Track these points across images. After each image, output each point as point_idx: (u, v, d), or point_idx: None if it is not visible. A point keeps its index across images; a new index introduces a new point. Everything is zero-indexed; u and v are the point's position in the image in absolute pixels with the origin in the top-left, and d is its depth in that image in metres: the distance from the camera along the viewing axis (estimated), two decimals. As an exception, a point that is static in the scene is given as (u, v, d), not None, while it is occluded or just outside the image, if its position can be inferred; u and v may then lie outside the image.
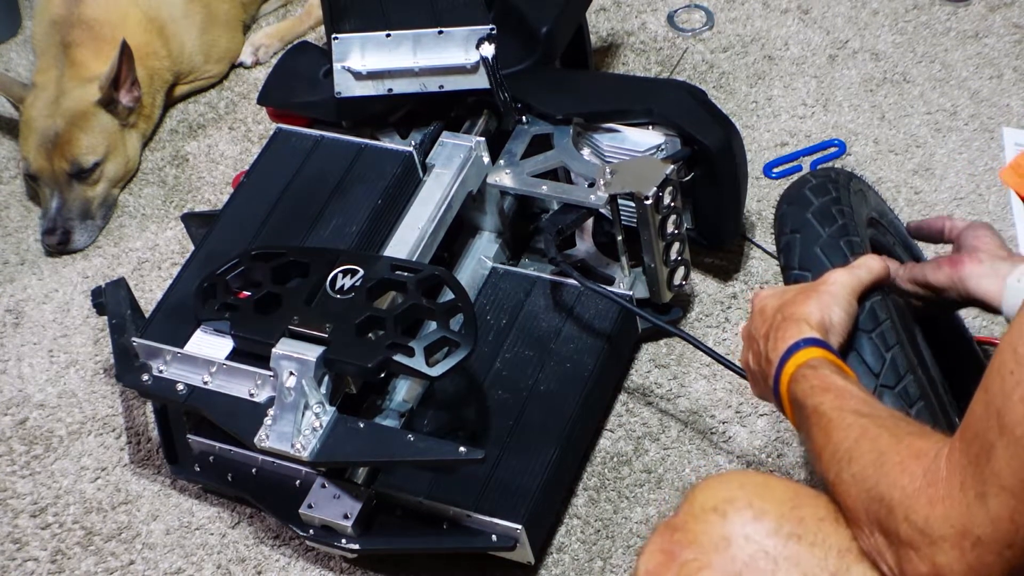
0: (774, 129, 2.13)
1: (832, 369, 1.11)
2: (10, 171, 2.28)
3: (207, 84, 2.38)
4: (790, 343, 1.14)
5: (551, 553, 1.61)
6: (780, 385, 1.14)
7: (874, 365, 1.20)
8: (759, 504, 0.99)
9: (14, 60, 2.50)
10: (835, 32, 2.29)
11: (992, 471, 0.84)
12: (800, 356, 1.13)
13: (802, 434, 1.10)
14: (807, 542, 0.97)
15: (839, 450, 1.00)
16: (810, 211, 1.37)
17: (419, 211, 1.72)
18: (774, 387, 1.16)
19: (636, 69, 2.27)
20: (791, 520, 0.98)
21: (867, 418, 1.01)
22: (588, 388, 1.67)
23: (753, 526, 0.98)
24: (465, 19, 1.79)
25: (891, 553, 0.92)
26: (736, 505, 0.99)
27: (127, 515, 1.72)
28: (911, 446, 0.94)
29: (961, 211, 1.95)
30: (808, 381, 1.10)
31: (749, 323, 1.25)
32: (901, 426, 0.99)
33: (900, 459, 0.93)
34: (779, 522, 0.98)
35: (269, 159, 1.81)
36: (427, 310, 1.52)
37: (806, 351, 1.13)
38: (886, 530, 0.92)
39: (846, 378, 1.11)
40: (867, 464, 0.96)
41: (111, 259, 2.09)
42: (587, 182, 1.79)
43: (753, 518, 0.98)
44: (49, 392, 1.89)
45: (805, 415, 1.08)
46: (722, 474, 1.07)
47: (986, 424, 0.85)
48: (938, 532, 0.87)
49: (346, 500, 1.55)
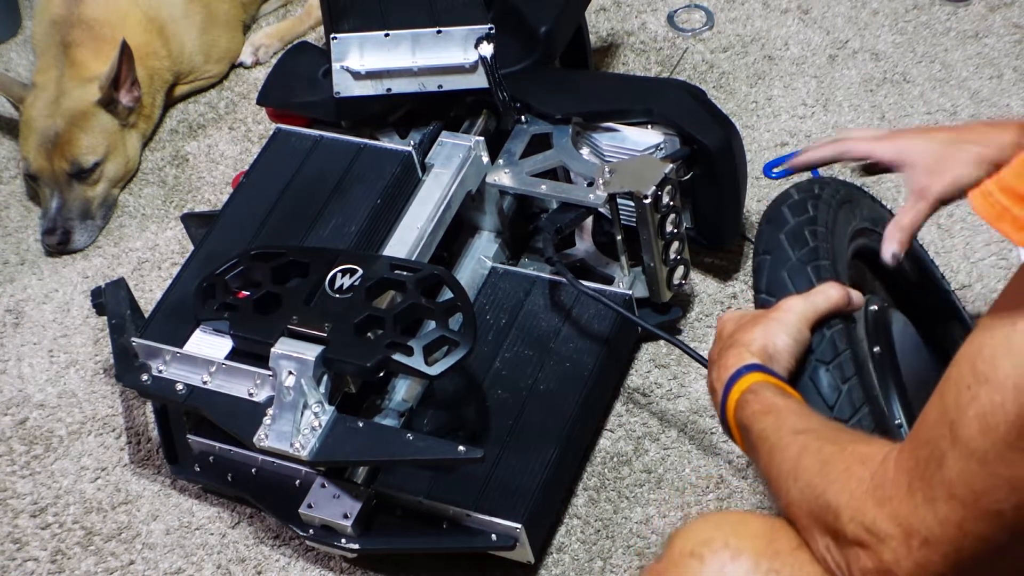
0: (774, 129, 2.13)
1: (773, 391, 1.12)
2: (10, 171, 2.28)
3: (207, 84, 2.38)
4: (732, 371, 1.15)
5: (551, 553, 1.61)
6: (727, 411, 1.15)
7: (829, 397, 1.20)
8: (735, 543, 0.99)
9: (14, 60, 2.50)
10: (835, 32, 2.29)
11: (942, 479, 0.84)
12: (743, 383, 1.14)
13: (752, 459, 1.11)
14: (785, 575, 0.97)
15: (783, 471, 1.01)
16: (784, 232, 1.37)
17: (418, 211, 1.72)
18: (721, 415, 1.16)
19: (636, 69, 2.27)
20: (767, 555, 0.98)
21: (806, 433, 1.02)
22: (588, 388, 1.67)
23: (731, 566, 0.98)
24: (464, 19, 1.79)
25: (840, 554, 0.93)
26: (713, 547, 1.00)
27: (127, 515, 1.72)
28: (855, 452, 0.95)
29: (961, 211, 1.95)
30: (751, 406, 1.11)
31: (713, 345, 1.26)
32: (842, 435, 1.01)
33: (845, 466, 0.94)
34: (756, 560, 0.98)
35: (269, 159, 1.81)
36: (426, 309, 1.52)
37: (748, 377, 1.14)
38: (835, 533, 0.93)
39: (787, 397, 1.12)
40: (812, 475, 0.96)
41: (111, 259, 2.09)
42: (586, 181, 1.79)
43: (731, 558, 0.98)
44: (49, 392, 1.89)
45: (752, 442, 1.09)
46: (699, 517, 1.08)
47: (939, 432, 0.85)
48: (885, 531, 0.88)
49: (346, 500, 1.55)
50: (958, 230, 1.94)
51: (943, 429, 0.85)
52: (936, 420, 0.86)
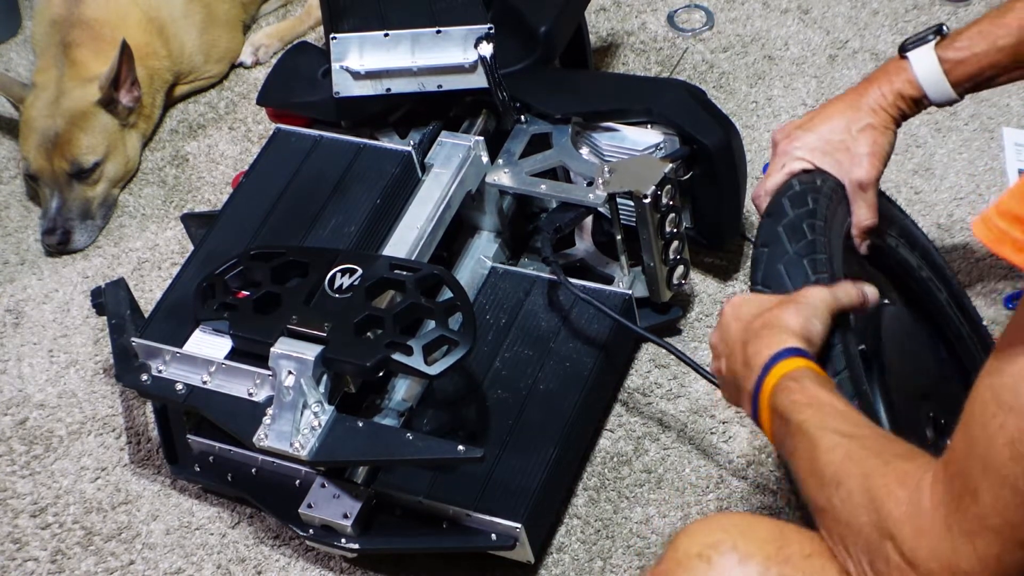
0: (774, 129, 2.12)
1: (817, 381, 1.09)
2: (10, 171, 2.28)
3: (207, 84, 2.38)
4: (774, 351, 1.12)
5: (551, 553, 1.61)
6: (760, 395, 1.11)
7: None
8: (744, 546, 0.97)
9: (14, 60, 2.50)
10: (835, 32, 2.29)
11: (978, 512, 0.84)
12: (783, 366, 1.10)
13: (783, 450, 1.08)
14: None
15: (825, 475, 0.98)
16: (782, 224, 1.36)
17: (418, 210, 1.72)
18: (754, 396, 1.13)
19: (636, 69, 2.27)
20: (777, 560, 0.96)
21: (851, 439, 1.00)
22: (588, 387, 1.67)
23: (740, 570, 0.96)
24: (463, 18, 1.79)
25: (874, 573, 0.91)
26: (720, 549, 0.97)
27: (127, 515, 1.72)
28: (897, 469, 0.93)
29: (961, 211, 1.95)
30: (791, 394, 1.07)
31: (720, 330, 1.22)
32: (886, 447, 0.98)
33: (886, 483, 0.92)
34: (766, 564, 0.96)
35: (268, 159, 1.81)
36: (426, 309, 1.52)
37: (789, 361, 1.11)
38: (874, 558, 0.91)
39: (831, 392, 1.09)
40: (854, 489, 0.94)
41: (111, 259, 2.09)
42: (586, 181, 1.79)
43: (739, 562, 0.96)
44: (49, 392, 1.89)
45: (789, 431, 1.06)
46: (705, 518, 1.05)
47: (969, 464, 0.85)
48: (925, 565, 0.87)
49: (346, 500, 1.55)
50: (958, 230, 1.94)
51: (974, 461, 0.84)
52: (965, 452, 0.85)
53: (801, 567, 0.96)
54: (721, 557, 0.97)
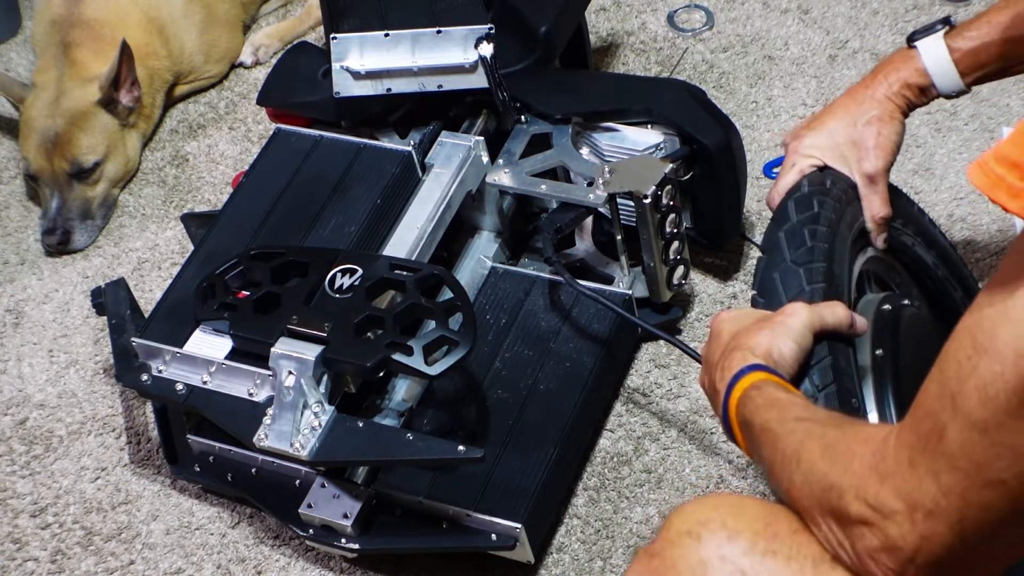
0: (774, 129, 2.13)
1: (776, 387, 1.12)
2: (10, 171, 2.28)
3: (207, 84, 2.38)
4: (735, 371, 1.15)
5: (551, 553, 1.61)
6: (729, 412, 1.15)
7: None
8: (732, 524, 0.99)
9: (14, 60, 2.50)
10: (835, 32, 2.29)
11: (944, 450, 0.84)
12: (745, 381, 1.13)
13: (754, 457, 1.11)
14: (783, 556, 0.96)
15: (786, 455, 1.00)
16: (783, 229, 1.37)
17: (418, 211, 1.72)
18: (723, 416, 1.16)
19: (636, 69, 2.27)
20: (765, 536, 0.97)
21: (809, 421, 1.02)
22: (588, 387, 1.67)
23: (728, 546, 0.97)
24: (463, 18, 1.79)
25: (845, 536, 0.92)
26: (710, 527, 0.99)
27: (127, 515, 1.72)
28: (858, 434, 0.95)
29: (961, 211, 1.95)
30: (753, 401, 1.11)
31: (706, 346, 1.26)
32: (844, 421, 1.01)
33: (847, 447, 0.94)
34: (754, 540, 0.97)
35: (269, 159, 1.81)
36: (426, 309, 1.52)
37: (750, 375, 1.14)
38: (839, 515, 0.92)
39: (789, 393, 1.11)
40: (815, 458, 0.96)
41: (111, 259, 2.09)
42: (586, 181, 1.79)
43: (727, 538, 0.98)
44: (49, 392, 1.89)
45: (754, 435, 1.09)
46: (697, 498, 1.06)
47: (939, 405, 0.85)
48: (889, 506, 0.88)
49: (346, 500, 1.55)
50: (958, 230, 1.94)
51: (944, 401, 0.84)
52: (936, 393, 0.86)
53: (787, 542, 0.97)
54: (711, 534, 0.99)
